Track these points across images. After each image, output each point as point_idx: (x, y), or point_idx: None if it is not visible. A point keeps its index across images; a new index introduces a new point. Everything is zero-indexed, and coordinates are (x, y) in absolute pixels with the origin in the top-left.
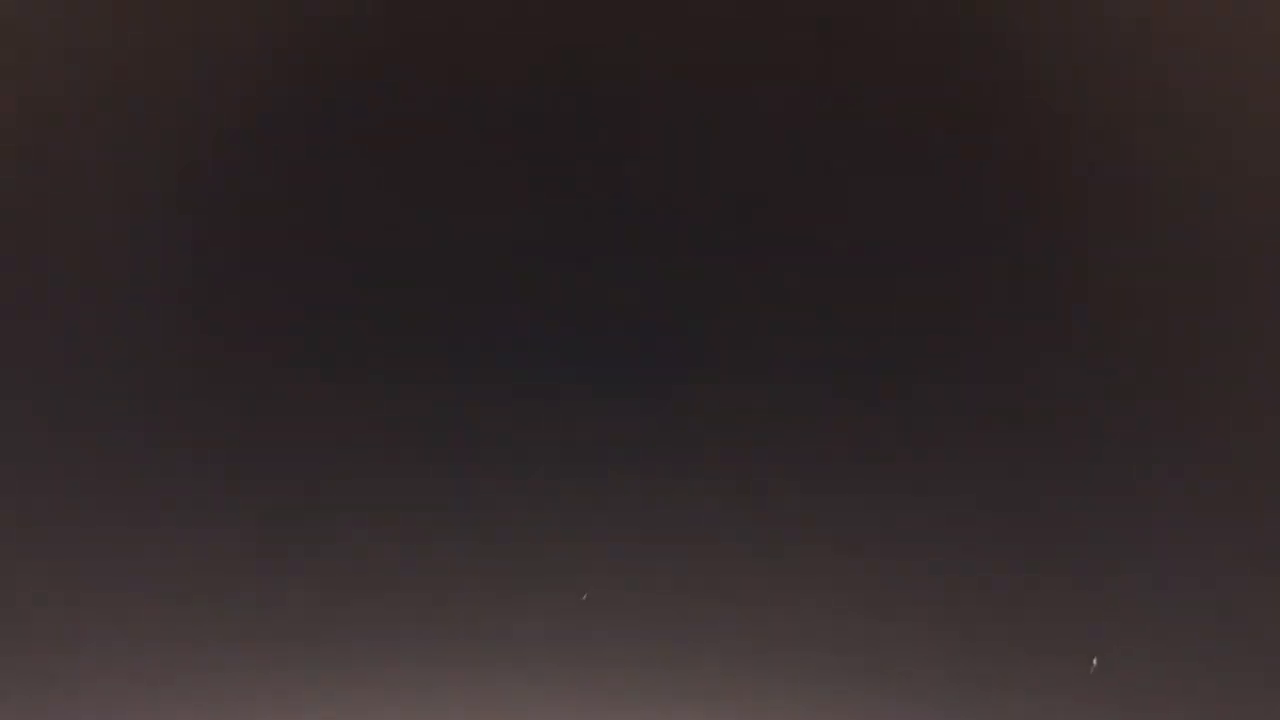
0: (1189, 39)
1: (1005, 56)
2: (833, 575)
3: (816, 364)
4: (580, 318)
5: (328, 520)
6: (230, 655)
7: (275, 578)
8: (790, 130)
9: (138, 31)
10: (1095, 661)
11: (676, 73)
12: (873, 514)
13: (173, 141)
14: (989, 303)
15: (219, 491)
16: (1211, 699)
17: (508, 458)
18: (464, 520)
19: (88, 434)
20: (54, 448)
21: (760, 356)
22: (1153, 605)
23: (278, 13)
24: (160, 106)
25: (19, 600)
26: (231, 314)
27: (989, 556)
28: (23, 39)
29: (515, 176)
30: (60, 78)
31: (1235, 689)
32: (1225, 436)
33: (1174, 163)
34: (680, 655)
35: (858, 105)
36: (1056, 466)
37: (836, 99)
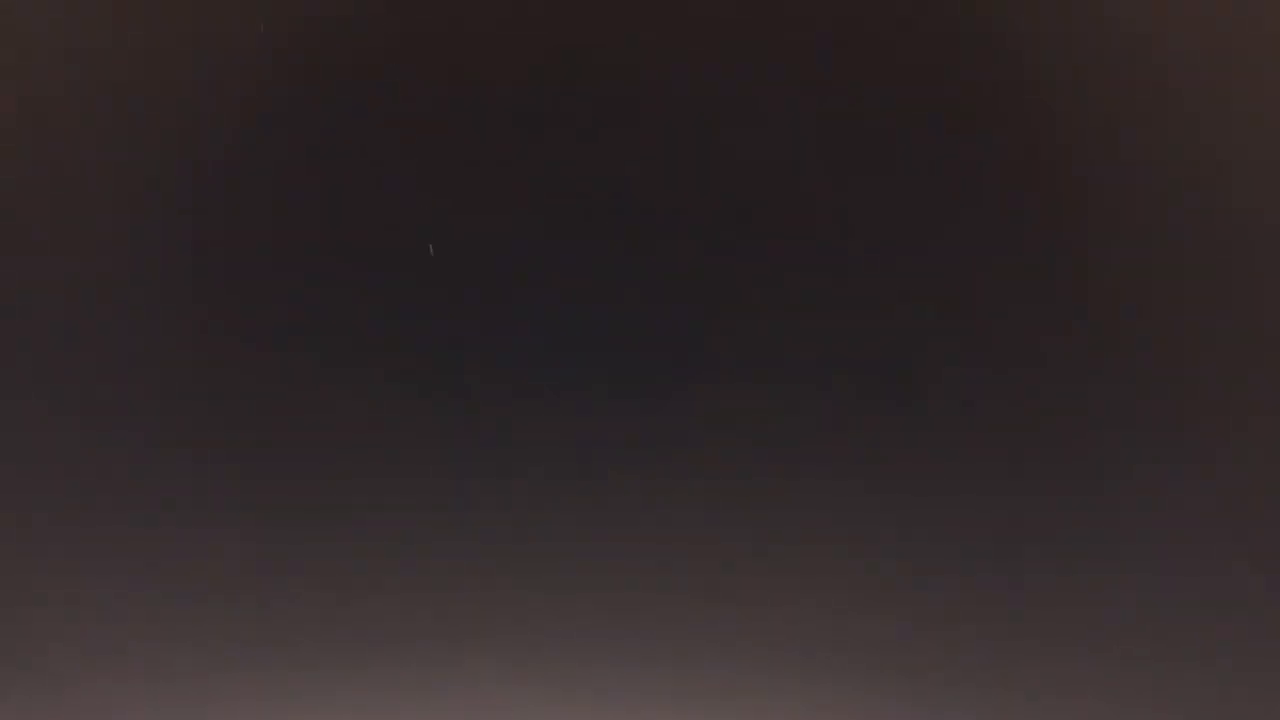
0: (1189, 39)
1: (1005, 56)
2: (833, 575)
3: (816, 364)
4: (580, 318)
5: (328, 521)
6: (229, 656)
7: (275, 578)
8: (790, 130)
9: (138, 31)
10: None
11: (676, 73)
12: (873, 514)
13: (173, 141)
14: (989, 303)
15: (219, 492)
16: (1212, 699)
17: (508, 458)
18: (464, 521)
19: (88, 434)
20: (54, 448)
21: (760, 357)
22: (1153, 605)
23: (278, 13)
24: (160, 106)
25: (19, 600)
26: (231, 314)
27: (990, 557)
28: (23, 39)
29: (515, 176)
30: (60, 78)
31: (1235, 689)
32: (1225, 437)
33: (1174, 163)
34: (680, 656)
35: (858, 105)
36: (1057, 466)
37: (837, 99)
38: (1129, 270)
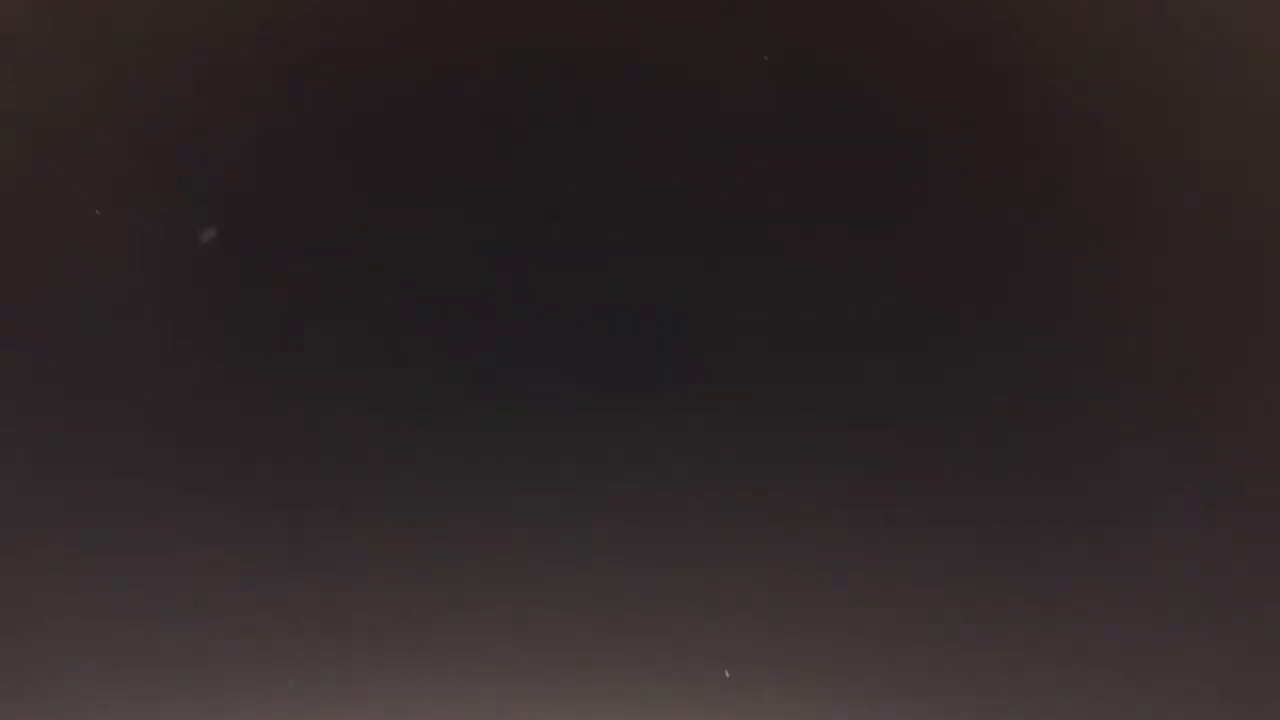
0: (1188, 39)
1: (1006, 57)
2: (833, 578)
3: (817, 369)
4: (580, 324)
5: (328, 525)
6: (229, 660)
7: (276, 582)
8: (792, 134)
9: (136, 31)
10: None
11: (676, 73)
12: (872, 515)
13: (172, 142)
14: (989, 308)
15: (218, 498)
16: (1211, 699)
17: (504, 464)
18: (463, 521)
19: (87, 436)
20: (55, 449)
21: (760, 362)
22: (1153, 606)
23: (277, 12)
24: (159, 106)
25: (19, 600)
26: (228, 320)
27: (990, 559)
28: (22, 39)
29: (512, 184)
30: (60, 78)
31: (1235, 689)
32: (1226, 438)
33: (1175, 163)
34: (679, 660)
35: (858, 107)
36: (1056, 469)
37: (838, 102)
38: (1128, 272)
